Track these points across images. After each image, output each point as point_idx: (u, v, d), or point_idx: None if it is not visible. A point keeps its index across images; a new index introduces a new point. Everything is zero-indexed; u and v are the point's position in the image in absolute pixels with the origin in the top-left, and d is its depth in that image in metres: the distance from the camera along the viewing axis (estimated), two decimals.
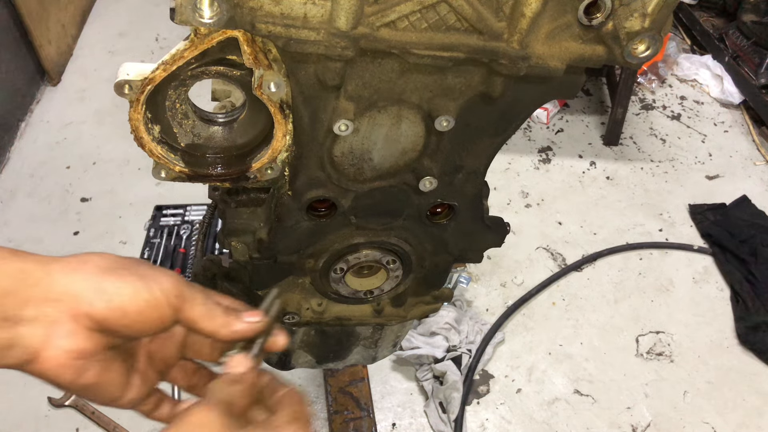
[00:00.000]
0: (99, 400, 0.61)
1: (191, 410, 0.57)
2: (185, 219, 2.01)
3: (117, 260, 0.61)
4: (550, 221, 2.16)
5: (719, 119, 2.67)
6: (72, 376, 0.57)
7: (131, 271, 0.60)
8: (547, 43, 0.71)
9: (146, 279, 0.60)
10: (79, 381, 0.58)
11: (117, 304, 0.57)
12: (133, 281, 0.59)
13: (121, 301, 0.58)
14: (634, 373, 1.76)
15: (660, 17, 0.66)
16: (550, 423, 1.64)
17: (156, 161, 0.83)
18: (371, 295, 1.18)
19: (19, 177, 2.18)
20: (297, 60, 0.72)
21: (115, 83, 0.72)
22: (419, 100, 0.80)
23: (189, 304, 0.63)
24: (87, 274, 0.58)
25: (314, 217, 0.97)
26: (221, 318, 0.64)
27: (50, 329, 0.56)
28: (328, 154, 0.86)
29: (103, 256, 0.61)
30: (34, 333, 0.55)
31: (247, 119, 0.84)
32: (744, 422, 1.67)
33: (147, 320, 0.60)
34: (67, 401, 1.57)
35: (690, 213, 2.22)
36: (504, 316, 1.83)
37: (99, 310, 0.57)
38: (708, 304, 1.95)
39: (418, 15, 0.68)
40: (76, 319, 0.56)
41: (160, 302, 0.60)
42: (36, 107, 2.49)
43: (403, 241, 1.03)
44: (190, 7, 0.62)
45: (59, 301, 0.56)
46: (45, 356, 0.56)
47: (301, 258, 1.04)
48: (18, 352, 0.55)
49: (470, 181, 0.94)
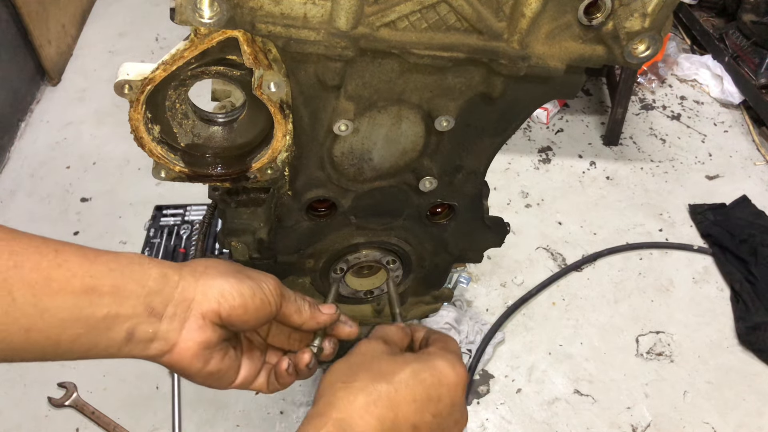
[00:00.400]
0: (220, 385, 0.73)
1: (361, 342, 0.72)
2: (185, 219, 2.01)
3: (231, 265, 0.72)
4: (550, 221, 2.16)
5: (719, 119, 2.67)
6: (201, 364, 0.67)
7: (245, 274, 0.71)
8: (547, 43, 0.71)
9: (257, 281, 0.71)
10: (206, 369, 0.68)
11: (239, 303, 0.67)
12: (250, 284, 0.69)
13: (243, 301, 0.68)
14: (634, 373, 1.76)
15: (660, 17, 0.66)
16: (550, 423, 1.64)
17: (156, 161, 0.83)
18: (371, 295, 1.18)
19: (19, 177, 2.18)
20: (297, 60, 0.72)
21: (115, 83, 0.72)
22: (419, 100, 0.80)
23: (286, 301, 0.75)
24: (212, 278, 0.68)
25: (314, 217, 0.97)
26: (308, 312, 0.77)
27: (184, 324, 0.65)
28: (328, 154, 0.86)
29: (219, 262, 0.72)
30: (172, 327, 0.65)
31: (247, 119, 0.84)
32: (744, 422, 1.67)
33: (261, 315, 0.70)
34: (67, 401, 1.57)
35: (690, 213, 2.22)
36: (504, 316, 1.83)
37: (225, 308, 0.67)
38: (708, 304, 1.95)
39: (418, 15, 0.68)
40: (204, 315, 0.66)
41: (270, 300, 0.71)
42: (36, 107, 2.49)
43: (403, 241, 1.04)
44: (190, 7, 0.63)
45: (193, 300, 0.66)
46: (180, 347, 0.65)
47: (301, 258, 1.04)
48: (158, 344, 0.64)
49: (470, 181, 0.94)
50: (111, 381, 1.64)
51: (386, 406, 0.64)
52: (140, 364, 1.77)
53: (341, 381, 0.65)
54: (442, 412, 0.67)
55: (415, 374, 0.67)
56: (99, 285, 0.60)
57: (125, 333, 0.62)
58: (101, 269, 0.60)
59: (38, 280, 0.56)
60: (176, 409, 1.59)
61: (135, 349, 0.63)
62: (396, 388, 0.65)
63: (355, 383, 0.65)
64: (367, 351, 0.71)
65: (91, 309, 0.59)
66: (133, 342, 0.63)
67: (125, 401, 1.60)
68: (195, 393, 1.63)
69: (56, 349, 0.59)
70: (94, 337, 0.60)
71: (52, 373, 1.63)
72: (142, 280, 0.63)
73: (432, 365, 0.69)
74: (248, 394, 1.65)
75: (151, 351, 0.65)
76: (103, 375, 1.65)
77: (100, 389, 1.62)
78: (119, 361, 1.77)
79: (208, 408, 1.61)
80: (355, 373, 0.66)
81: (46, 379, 1.62)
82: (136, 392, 1.62)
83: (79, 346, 0.60)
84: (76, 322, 0.58)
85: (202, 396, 1.63)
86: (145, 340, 0.64)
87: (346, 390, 0.64)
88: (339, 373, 0.67)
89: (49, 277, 0.57)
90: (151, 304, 0.63)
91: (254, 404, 1.63)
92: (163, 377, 1.65)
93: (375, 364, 0.68)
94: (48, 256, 0.58)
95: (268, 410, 1.63)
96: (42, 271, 0.57)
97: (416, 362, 0.69)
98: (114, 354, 0.63)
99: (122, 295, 0.61)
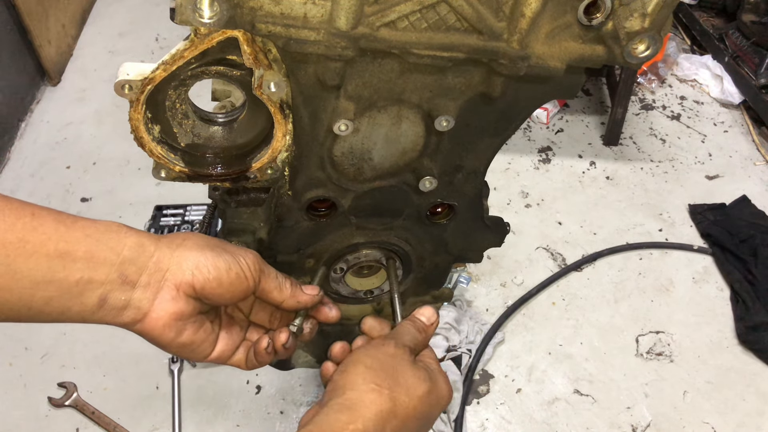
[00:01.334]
0: (195, 357, 0.73)
1: (388, 341, 0.74)
2: (185, 219, 2.01)
3: (209, 240, 0.72)
4: (550, 221, 2.16)
5: (719, 119, 2.67)
6: (173, 334, 0.68)
7: (223, 248, 0.71)
8: (547, 43, 0.71)
9: (235, 255, 0.71)
10: (178, 339, 0.69)
11: (214, 276, 0.68)
12: (226, 257, 0.70)
13: (218, 274, 0.68)
14: (634, 373, 1.76)
15: (660, 17, 0.66)
16: (550, 423, 1.64)
17: (156, 161, 0.83)
18: (371, 295, 1.18)
19: (19, 177, 2.18)
20: (297, 60, 0.72)
21: (115, 83, 0.72)
22: (419, 100, 0.80)
23: (266, 277, 0.75)
24: (188, 250, 0.68)
25: (314, 217, 0.97)
26: (289, 290, 0.77)
27: (158, 294, 0.66)
28: (328, 154, 0.86)
29: (197, 236, 0.72)
30: (145, 297, 0.65)
31: (247, 119, 0.84)
32: (744, 422, 1.67)
33: (236, 290, 0.71)
34: (67, 401, 1.57)
35: (690, 213, 2.22)
36: (504, 316, 1.83)
37: (199, 281, 0.67)
38: (708, 304, 1.95)
39: (418, 15, 0.68)
40: (178, 287, 0.67)
41: (247, 275, 0.71)
42: (36, 107, 2.49)
43: (403, 240, 1.04)
44: (190, 7, 0.62)
45: (167, 270, 0.66)
46: (152, 317, 0.66)
47: (301, 258, 1.04)
48: (131, 312, 0.65)
49: (470, 181, 0.94)
50: (111, 381, 1.64)
51: (402, 419, 0.68)
52: (140, 364, 1.78)
53: (375, 382, 0.68)
54: (426, 426, 0.74)
55: (428, 394, 0.71)
56: (73, 250, 0.60)
57: (97, 299, 0.62)
58: (77, 235, 0.61)
59: (12, 241, 0.57)
60: (176, 409, 1.59)
61: (107, 315, 0.64)
62: (413, 405, 0.69)
63: (385, 390, 0.67)
64: (395, 354, 0.73)
65: (64, 273, 0.60)
66: (106, 308, 0.63)
67: (125, 401, 1.60)
68: (195, 393, 1.63)
69: (29, 311, 0.60)
70: (67, 301, 0.61)
71: (52, 373, 1.63)
72: (117, 248, 0.63)
73: (438, 386, 0.74)
74: (248, 394, 1.65)
75: (124, 318, 0.65)
76: (103, 375, 1.65)
77: (100, 389, 1.62)
78: (119, 362, 1.77)
79: (208, 408, 1.61)
80: (385, 378, 0.69)
81: (46, 379, 1.62)
82: (136, 392, 1.62)
83: (52, 309, 0.61)
84: (48, 285, 0.59)
85: (202, 396, 1.63)
86: (118, 308, 0.64)
87: (378, 394, 0.67)
88: (372, 372, 0.69)
89: (24, 238, 0.58)
90: (125, 272, 0.63)
91: (254, 404, 1.63)
92: (163, 377, 1.65)
93: (401, 373, 0.71)
94: (24, 219, 0.59)
95: (268, 410, 1.63)
96: (17, 233, 0.58)
97: (429, 381, 0.73)
98: (87, 319, 0.63)
99: (96, 261, 0.62)
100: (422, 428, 0.72)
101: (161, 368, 1.66)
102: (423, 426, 0.72)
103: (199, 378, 1.65)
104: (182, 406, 1.60)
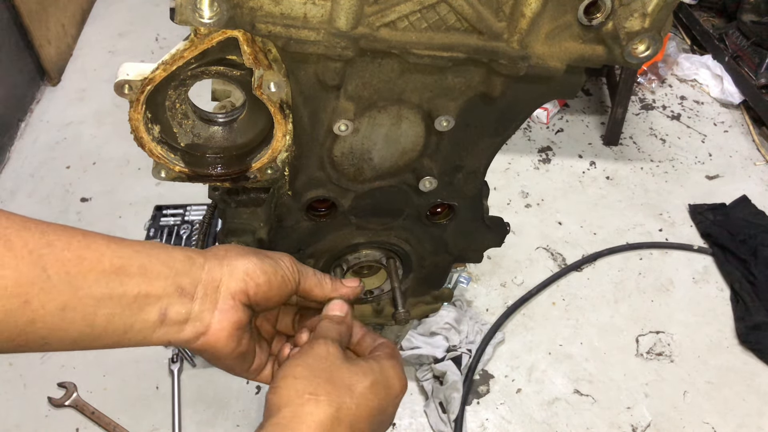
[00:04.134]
0: (242, 368, 0.74)
1: (313, 343, 0.70)
2: (185, 219, 2.01)
3: (246, 247, 0.73)
4: (550, 221, 2.16)
5: (719, 119, 2.67)
6: (234, 345, 0.68)
7: (263, 254, 0.72)
8: (547, 43, 0.71)
9: (275, 259, 0.72)
10: (238, 350, 0.69)
11: (264, 280, 0.69)
12: (269, 261, 0.70)
13: (267, 278, 0.69)
14: (634, 373, 1.76)
15: (660, 17, 0.66)
16: (550, 423, 1.64)
17: (156, 161, 0.83)
18: (371, 295, 1.18)
19: (19, 177, 2.18)
20: (297, 60, 0.72)
21: (115, 83, 0.72)
22: (419, 100, 0.80)
23: (304, 277, 0.76)
24: (235, 259, 0.68)
25: (314, 217, 0.97)
26: (329, 285, 0.78)
27: (216, 305, 0.66)
28: (328, 154, 0.86)
29: (236, 246, 0.72)
30: (205, 308, 0.65)
31: (247, 119, 0.84)
32: (744, 422, 1.67)
33: (282, 292, 0.72)
34: (67, 401, 1.57)
35: (690, 213, 2.22)
36: (504, 316, 1.83)
37: (251, 287, 0.68)
38: (708, 304, 1.95)
39: (418, 15, 0.68)
40: (234, 296, 0.67)
41: (290, 277, 0.72)
42: (36, 107, 2.49)
43: (403, 241, 1.04)
44: (190, 7, 0.63)
45: (221, 280, 0.66)
46: (215, 328, 0.65)
47: (301, 258, 1.04)
48: (193, 326, 0.64)
49: (470, 181, 0.94)
50: (111, 381, 1.64)
51: (349, 423, 0.64)
52: (140, 364, 1.78)
53: (308, 392, 0.63)
54: (383, 421, 0.70)
55: (373, 387, 0.67)
56: (127, 265, 0.60)
57: (158, 313, 0.62)
58: (127, 251, 0.61)
59: (71, 258, 0.57)
60: (176, 409, 1.59)
61: (170, 331, 0.63)
62: (357, 403, 0.65)
63: (321, 396, 0.63)
64: (327, 356, 0.68)
65: (122, 288, 0.59)
66: (167, 323, 0.63)
67: (125, 401, 1.60)
68: (195, 393, 1.63)
69: (92, 331, 0.59)
70: (128, 318, 0.60)
71: (52, 373, 1.63)
72: (168, 262, 0.63)
73: (386, 376, 0.70)
74: (248, 393, 1.64)
75: (186, 333, 0.64)
76: (103, 375, 1.65)
77: (100, 389, 1.62)
78: (119, 361, 1.77)
79: (208, 408, 1.61)
80: (319, 384, 0.65)
81: (46, 379, 1.62)
82: (136, 392, 1.62)
83: (115, 327, 0.60)
84: (109, 301, 0.59)
85: (202, 396, 1.63)
86: (179, 322, 0.63)
87: (315, 404, 0.62)
88: (304, 382, 0.65)
89: (81, 255, 0.58)
90: (181, 285, 0.63)
91: (254, 404, 1.63)
92: (163, 377, 1.65)
93: (336, 374, 0.66)
94: (77, 237, 0.59)
95: None
96: (73, 251, 0.57)
97: (372, 374, 0.69)
98: (148, 337, 0.63)
99: (150, 275, 0.61)
100: (380, 425, 0.69)
101: (161, 368, 1.66)
102: (380, 423, 0.68)
103: (199, 378, 1.65)
104: (182, 406, 1.60)
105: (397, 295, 1.01)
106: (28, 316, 0.54)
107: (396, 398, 0.71)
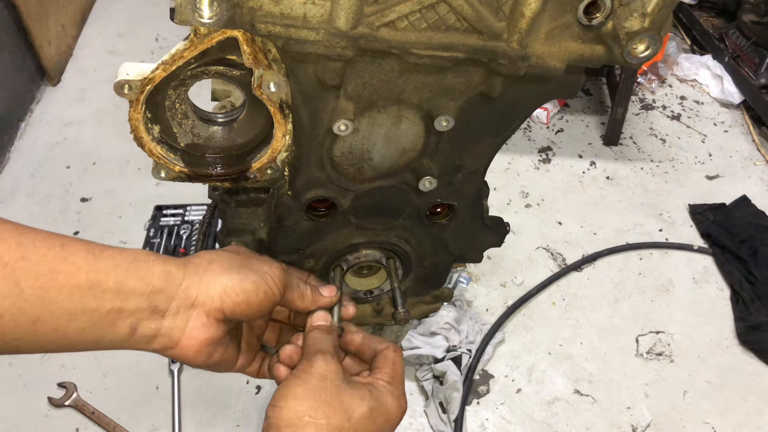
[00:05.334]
0: (219, 371, 0.76)
1: (312, 360, 0.71)
2: (185, 219, 2.01)
3: (234, 259, 0.73)
4: (550, 221, 2.16)
5: (719, 119, 2.67)
6: (204, 358, 0.70)
7: (249, 267, 0.72)
8: (546, 43, 0.71)
9: (261, 273, 0.73)
10: (209, 361, 0.71)
11: (243, 299, 0.69)
12: (253, 279, 0.71)
13: (246, 297, 0.70)
14: (634, 373, 1.76)
15: (660, 17, 0.66)
16: (550, 423, 1.64)
17: (156, 161, 0.83)
18: (371, 295, 1.18)
19: (19, 177, 2.18)
20: (297, 60, 0.72)
21: (115, 83, 0.72)
22: (419, 100, 0.80)
23: (289, 289, 0.78)
24: (216, 274, 0.69)
25: (314, 217, 0.97)
26: (309, 296, 0.82)
27: (188, 322, 0.67)
28: (328, 154, 0.86)
29: (223, 256, 0.73)
30: (175, 325, 0.66)
31: (246, 119, 0.84)
32: (744, 422, 1.67)
33: (264, 308, 0.73)
34: (67, 401, 1.57)
35: (690, 213, 2.22)
36: (504, 316, 1.83)
37: (228, 305, 0.68)
38: (708, 304, 1.95)
39: (417, 15, 0.68)
40: (208, 313, 0.68)
41: (274, 291, 0.73)
42: (36, 107, 2.49)
43: (403, 240, 1.04)
44: (190, 7, 0.62)
45: (196, 298, 0.67)
46: (183, 344, 0.67)
47: (301, 258, 1.04)
48: (162, 340, 0.66)
49: (470, 181, 0.94)
50: (111, 381, 1.64)
51: None
52: (140, 364, 1.78)
53: (308, 415, 0.64)
54: None
55: (371, 413, 0.68)
56: (103, 280, 0.61)
57: (129, 328, 0.63)
58: (106, 265, 0.62)
59: (45, 272, 0.57)
60: (176, 409, 1.59)
61: (139, 343, 0.65)
62: (355, 429, 0.66)
63: (321, 420, 0.64)
64: (326, 375, 0.70)
65: (96, 303, 0.60)
66: (137, 337, 0.64)
67: (125, 401, 1.60)
68: (195, 393, 1.63)
69: (62, 341, 0.60)
70: (99, 331, 0.61)
71: (52, 373, 1.63)
72: (146, 278, 0.64)
73: (384, 402, 0.71)
74: (248, 394, 1.65)
75: (155, 345, 0.66)
76: (103, 375, 1.65)
77: (100, 389, 1.62)
78: (119, 362, 1.77)
79: (208, 408, 1.61)
80: (319, 407, 0.66)
81: (46, 379, 1.62)
82: (136, 392, 1.62)
83: (85, 338, 0.61)
84: (81, 315, 0.60)
85: (202, 396, 1.63)
86: (149, 336, 0.65)
87: (315, 428, 0.64)
88: (304, 404, 0.66)
89: (56, 269, 0.58)
90: (155, 302, 0.64)
91: (254, 404, 1.63)
92: (163, 377, 1.65)
93: (336, 397, 0.67)
94: (54, 249, 0.59)
95: None
96: (49, 264, 0.58)
97: (371, 399, 0.70)
98: (119, 346, 0.64)
99: (126, 291, 0.62)
100: None
101: (161, 368, 1.66)
102: None
103: (199, 378, 1.65)
104: (182, 406, 1.60)
105: (397, 295, 1.01)
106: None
107: (394, 424, 0.72)
